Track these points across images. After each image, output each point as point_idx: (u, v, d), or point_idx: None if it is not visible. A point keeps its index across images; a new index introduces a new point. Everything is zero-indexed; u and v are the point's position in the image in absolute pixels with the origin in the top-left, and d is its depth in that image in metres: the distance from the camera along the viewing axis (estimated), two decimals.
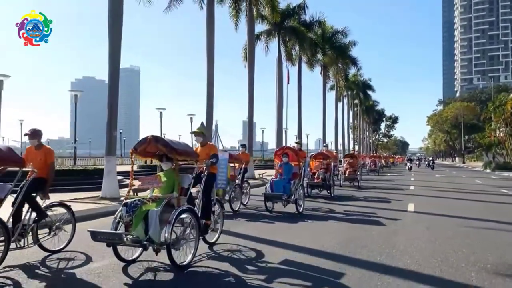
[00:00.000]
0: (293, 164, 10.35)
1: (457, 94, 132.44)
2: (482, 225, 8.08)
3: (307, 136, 60.26)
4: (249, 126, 22.26)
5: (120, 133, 34.03)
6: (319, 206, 10.77)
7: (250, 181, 15.32)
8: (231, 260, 5.25)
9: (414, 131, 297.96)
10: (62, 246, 5.62)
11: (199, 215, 5.60)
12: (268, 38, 27.28)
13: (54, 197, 10.29)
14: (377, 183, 19.77)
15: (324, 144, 17.27)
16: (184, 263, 4.83)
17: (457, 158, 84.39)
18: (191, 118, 28.37)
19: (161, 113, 28.45)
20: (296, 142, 13.02)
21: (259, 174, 20.36)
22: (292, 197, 9.40)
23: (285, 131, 41.13)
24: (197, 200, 5.82)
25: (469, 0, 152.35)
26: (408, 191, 15.84)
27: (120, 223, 4.74)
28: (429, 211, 9.99)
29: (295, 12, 27.91)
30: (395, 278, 4.48)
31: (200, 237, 5.48)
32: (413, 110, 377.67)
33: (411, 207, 10.69)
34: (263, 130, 56.92)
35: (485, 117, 53.67)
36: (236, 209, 9.68)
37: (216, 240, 6.14)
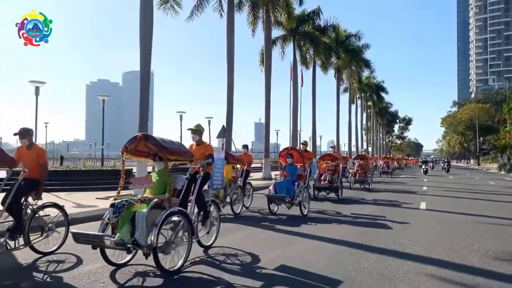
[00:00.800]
0: (298, 166, 10.13)
1: (472, 95, 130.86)
2: (489, 221, 8.68)
3: (320, 138, 60.77)
4: (266, 129, 22.85)
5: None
6: (325, 209, 10.55)
7: (266, 182, 15.79)
8: (225, 265, 5.07)
9: (428, 133, 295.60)
10: (54, 248, 5.48)
11: (198, 209, 5.63)
12: (283, 43, 28.05)
13: (92, 196, 11.19)
14: (389, 186, 19.30)
15: (331, 145, 17.80)
16: (175, 268, 4.62)
17: (472, 160, 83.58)
18: (209, 121, 29.16)
19: (181, 116, 29.30)
20: (302, 143, 12.69)
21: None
22: (296, 199, 9.16)
23: (299, 133, 41.78)
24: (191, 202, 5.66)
25: (484, 0, 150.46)
26: (420, 193, 15.77)
27: (109, 225, 4.58)
28: (440, 209, 10.60)
29: (310, 17, 28.59)
30: (406, 261, 5.25)
31: (195, 240, 5.37)
32: (427, 111, 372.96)
33: (423, 205, 11.32)
34: (277, 132, 57.63)
35: (499, 119, 53.36)
36: (238, 212, 9.40)
37: (212, 243, 5.95)
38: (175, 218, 4.78)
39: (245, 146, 12.38)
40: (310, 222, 8.47)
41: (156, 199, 4.71)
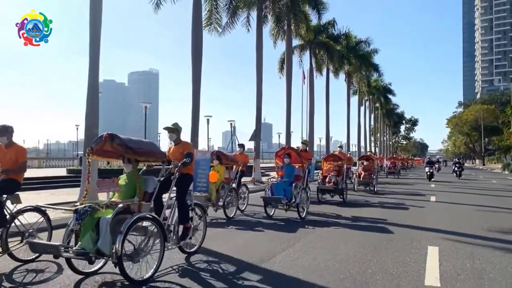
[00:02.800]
0: (296, 166, 9.79)
1: (478, 95, 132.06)
2: (488, 210, 11.12)
3: (330, 139, 62.79)
4: (287, 135, 24.58)
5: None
6: (325, 212, 10.19)
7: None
8: (205, 274, 4.75)
9: (433, 133, 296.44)
10: (34, 256, 4.96)
11: (178, 221, 5.30)
12: (301, 52, 30.44)
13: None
14: (395, 188, 18.42)
15: (339, 145, 16.90)
16: (143, 278, 4.32)
17: (477, 160, 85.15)
18: (231, 124, 31.33)
19: (208, 120, 31.48)
20: (302, 142, 12.02)
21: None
22: (294, 201, 8.80)
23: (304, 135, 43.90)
24: (165, 207, 5.31)
25: (490, 1, 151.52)
26: (427, 193, 15.56)
27: (73, 233, 4.29)
28: (448, 201, 12.92)
29: (325, 28, 30.93)
30: (425, 231, 7.56)
31: (175, 246, 5.20)
32: (432, 112, 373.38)
33: (432, 198, 13.60)
34: (279, 135, 59.40)
35: (504, 121, 55.10)
36: (231, 215, 8.87)
37: (196, 250, 5.61)
38: (146, 224, 4.55)
39: (241, 146, 11.59)
40: (308, 226, 8.05)
41: (122, 204, 4.40)
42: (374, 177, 16.25)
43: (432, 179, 23.65)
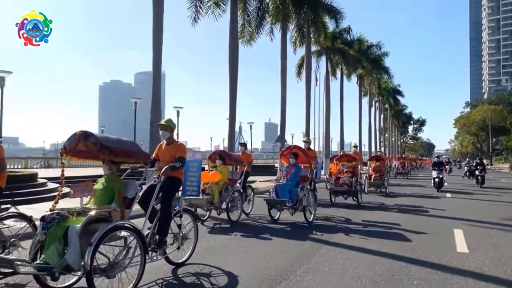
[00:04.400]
0: (302, 166, 9.21)
1: (485, 95, 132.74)
2: (498, 203, 12.91)
3: (345, 139, 64.20)
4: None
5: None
6: (335, 215, 9.65)
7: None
8: None
9: (440, 133, 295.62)
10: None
11: (156, 230, 4.75)
12: (318, 58, 32.21)
13: None
14: (407, 189, 17.75)
15: (354, 145, 15.86)
16: None
17: (484, 161, 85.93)
18: (250, 126, 32.77)
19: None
20: (304, 141, 11.31)
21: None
22: (300, 203, 8.25)
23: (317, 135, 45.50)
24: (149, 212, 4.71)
25: (497, 1, 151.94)
26: (441, 194, 15.45)
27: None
28: (463, 197, 14.60)
29: (340, 34, 32.68)
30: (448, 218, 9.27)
31: (162, 256, 4.79)
32: (439, 111, 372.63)
33: (448, 195, 15.29)
34: (292, 136, 60.66)
35: (510, 122, 56.21)
36: (236, 219, 8.35)
37: (186, 260, 5.13)
38: (124, 233, 4.12)
39: (243, 145, 11.03)
40: (316, 232, 7.44)
41: (96, 211, 3.97)
42: (385, 178, 15.60)
43: (441, 189, 16.75)
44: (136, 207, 4.66)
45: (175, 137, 5.43)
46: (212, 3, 17.93)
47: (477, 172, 20.47)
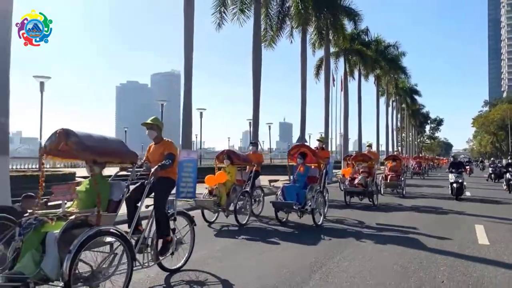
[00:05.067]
0: (312, 166, 8.91)
1: (504, 94, 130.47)
2: None
3: (363, 139, 64.47)
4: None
5: None
6: (348, 217, 9.29)
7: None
8: None
9: (457, 132, 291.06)
10: None
11: (156, 233, 4.57)
12: (336, 59, 32.70)
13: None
14: (424, 190, 17.30)
15: (368, 144, 16.18)
16: None
17: (503, 160, 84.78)
18: (269, 126, 33.35)
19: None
20: (318, 140, 10.74)
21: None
22: (308, 206, 7.89)
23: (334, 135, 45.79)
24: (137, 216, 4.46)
25: None
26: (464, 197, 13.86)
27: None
28: (481, 196, 14.84)
29: (358, 35, 33.08)
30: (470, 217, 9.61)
31: (154, 263, 4.55)
32: (456, 110, 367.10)
33: (468, 193, 15.14)
34: (310, 135, 60.97)
35: None
36: (244, 222, 8.02)
37: (181, 267, 4.90)
38: (109, 239, 3.88)
39: (254, 144, 10.65)
40: (324, 236, 7.01)
41: (76, 215, 3.71)
42: (402, 179, 15.04)
43: (460, 197, 13.50)
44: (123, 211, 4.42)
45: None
46: (237, 9, 18.64)
47: (508, 175, 16.44)
